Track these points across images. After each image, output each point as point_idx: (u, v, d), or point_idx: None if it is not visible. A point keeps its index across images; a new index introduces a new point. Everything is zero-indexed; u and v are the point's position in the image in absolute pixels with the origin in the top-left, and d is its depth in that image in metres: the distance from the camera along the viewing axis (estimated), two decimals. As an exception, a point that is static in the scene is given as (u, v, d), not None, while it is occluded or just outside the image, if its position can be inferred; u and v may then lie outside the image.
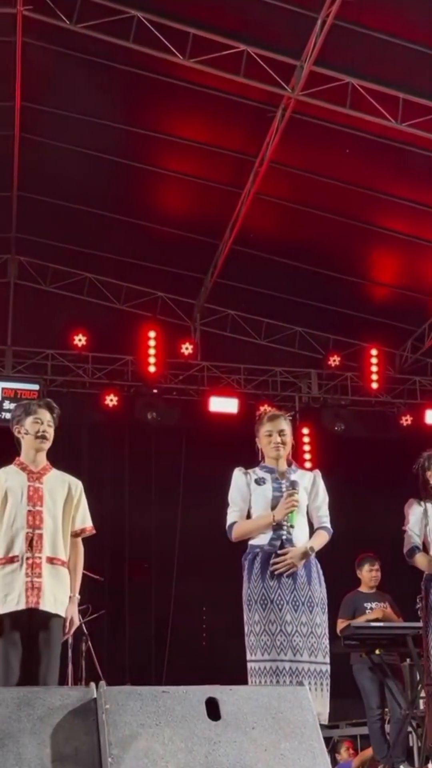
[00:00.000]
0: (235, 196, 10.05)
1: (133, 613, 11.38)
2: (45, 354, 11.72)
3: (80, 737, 2.91)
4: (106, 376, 11.78)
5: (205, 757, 2.89)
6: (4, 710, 2.89)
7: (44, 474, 4.22)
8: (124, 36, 8.03)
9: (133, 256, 11.51)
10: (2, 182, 10.46)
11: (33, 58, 8.65)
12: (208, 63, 8.12)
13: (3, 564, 4.02)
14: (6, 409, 10.94)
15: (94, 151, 9.86)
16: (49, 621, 3.98)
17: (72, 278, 12.01)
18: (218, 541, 11.07)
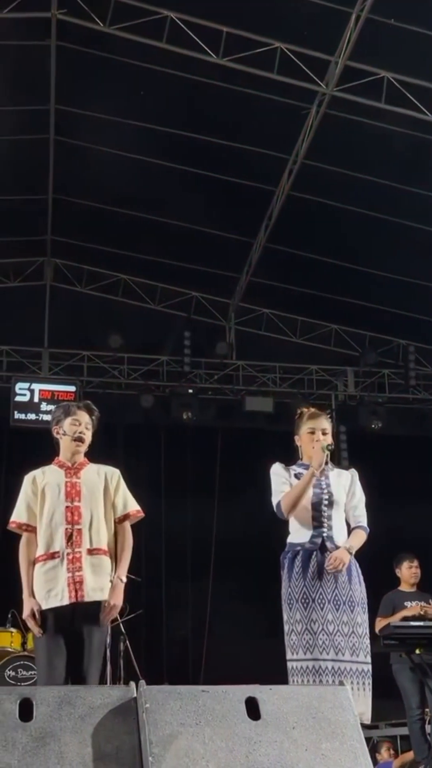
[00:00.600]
0: (270, 194, 10.02)
1: (170, 613, 11.41)
2: (81, 355, 11.80)
3: (121, 736, 2.92)
4: (142, 376, 11.83)
5: (245, 756, 2.88)
6: (45, 709, 2.90)
7: (81, 469, 4.24)
8: (157, 37, 8.06)
9: (167, 256, 11.55)
10: (38, 186, 10.55)
11: (67, 61, 8.70)
12: (242, 61, 8.09)
13: (44, 560, 4.04)
14: (44, 410, 11.05)
15: (127, 152, 9.91)
16: (93, 612, 3.98)
17: (107, 280, 12.08)
18: (254, 540, 11.15)
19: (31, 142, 9.97)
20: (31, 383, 11.32)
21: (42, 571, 4.02)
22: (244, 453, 11.47)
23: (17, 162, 10.11)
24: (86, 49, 8.67)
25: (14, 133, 9.78)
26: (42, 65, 8.75)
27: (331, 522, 4.25)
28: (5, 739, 2.80)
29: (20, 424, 11.10)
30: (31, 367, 11.69)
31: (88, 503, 4.12)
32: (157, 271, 11.82)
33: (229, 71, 8.34)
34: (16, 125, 9.64)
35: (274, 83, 8.38)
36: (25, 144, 10.00)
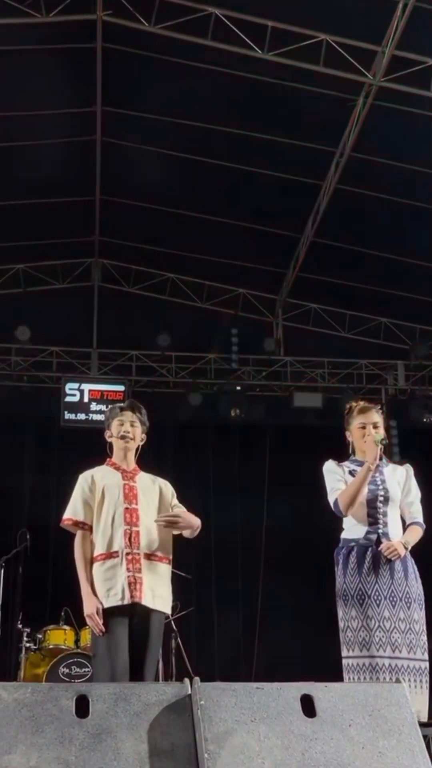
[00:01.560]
0: (317, 188, 9.96)
1: (221, 610, 11.41)
2: (129, 355, 11.87)
3: (176, 733, 2.92)
4: (190, 374, 11.85)
5: (301, 754, 2.86)
6: (101, 706, 2.92)
7: (136, 474, 4.29)
8: (202, 34, 8.05)
9: (213, 254, 11.55)
10: (85, 187, 10.63)
11: (113, 62, 8.75)
12: (287, 55, 8.05)
13: (103, 559, 4.08)
14: (93, 410, 11.14)
15: (173, 151, 9.94)
16: (149, 616, 4.01)
17: (154, 279, 12.13)
18: (305, 536, 11.09)
19: (78, 144, 10.05)
20: (81, 383, 11.42)
21: (101, 570, 4.06)
22: (293, 449, 11.42)
23: (65, 164, 10.19)
24: (132, 50, 8.71)
25: (62, 135, 9.88)
26: (88, 67, 8.80)
27: (386, 518, 4.20)
28: (62, 735, 2.83)
29: (70, 424, 11.21)
30: (80, 367, 11.79)
31: (144, 508, 4.16)
32: (204, 269, 11.83)
33: (274, 66, 8.29)
34: (64, 128, 9.73)
35: (320, 76, 8.32)
36: (73, 146, 10.08)
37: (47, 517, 9.80)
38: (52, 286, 12.04)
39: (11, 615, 9.11)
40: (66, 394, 11.26)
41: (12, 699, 2.89)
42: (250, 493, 11.80)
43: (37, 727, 2.84)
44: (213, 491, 11.65)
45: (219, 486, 11.74)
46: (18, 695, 2.91)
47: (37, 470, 11.62)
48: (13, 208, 10.59)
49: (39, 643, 8.06)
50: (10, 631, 8.63)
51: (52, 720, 2.86)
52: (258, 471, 11.82)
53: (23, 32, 8.26)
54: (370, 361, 12.23)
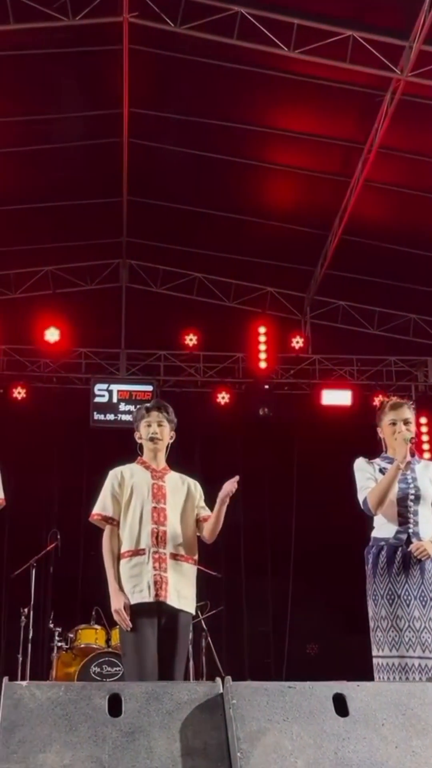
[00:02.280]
0: (344, 185, 9.92)
1: (250, 609, 11.41)
2: (157, 355, 11.90)
3: (208, 732, 2.93)
4: (218, 374, 11.86)
5: (334, 753, 2.86)
6: (133, 704, 2.94)
7: (165, 474, 4.30)
8: (228, 33, 8.04)
9: (241, 252, 11.55)
10: (113, 188, 10.67)
11: (139, 63, 8.77)
12: (314, 53, 8.02)
13: (130, 556, 4.10)
14: (122, 410, 11.19)
15: (200, 150, 9.95)
16: (176, 615, 4.03)
17: (182, 279, 12.16)
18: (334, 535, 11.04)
19: (105, 146, 10.09)
20: (110, 384, 11.48)
21: (127, 567, 4.08)
22: (322, 448, 11.37)
23: (92, 166, 10.26)
24: (157, 51, 8.72)
25: (89, 138, 9.94)
26: (115, 69, 8.83)
27: (417, 517, 4.16)
28: (96, 733, 2.85)
29: (100, 424, 11.27)
30: (109, 368, 11.84)
31: (172, 507, 4.18)
32: (232, 268, 11.83)
33: (301, 63, 8.26)
34: (91, 130, 9.79)
35: (347, 72, 8.28)
36: (100, 148, 10.13)
37: (77, 518, 9.86)
38: (80, 287, 12.11)
39: (42, 615, 9.19)
40: (95, 395, 11.33)
41: (46, 698, 2.92)
42: (280, 492, 11.78)
43: (71, 726, 2.86)
44: (241, 491, 11.56)
45: (248, 485, 11.66)
46: (51, 694, 2.93)
47: (67, 471, 11.70)
48: (41, 210, 10.68)
49: (70, 643, 8.12)
50: (41, 631, 8.70)
51: (85, 719, 2.88)
52: (287, 470, 11.80)
53: (50, 36, 8.31)
54: (399, 358, 12.16)
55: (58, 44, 8.52)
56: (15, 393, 11.30)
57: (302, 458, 11.78)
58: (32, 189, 10.42)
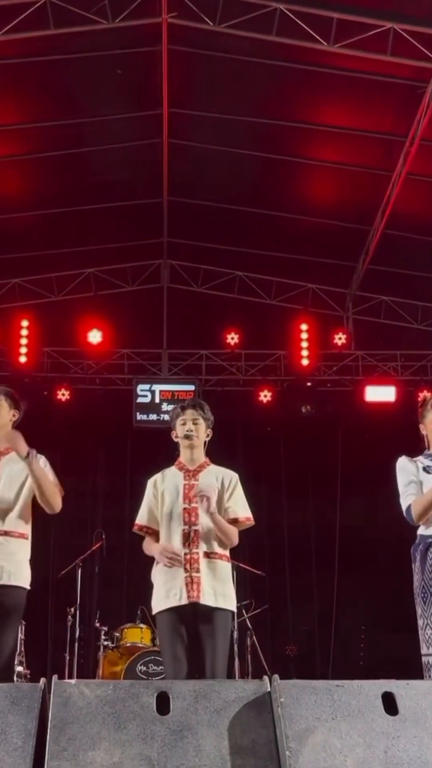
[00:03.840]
0: (386, 179, 9.82)
1: (295, 607, 11.37)
2: (199, 354, 11.92)
3: (257, 730, 2.93)
4: (260, 372, 11.83)
5: (384, 752, 2.83)
6: (181, 703, 2.95)
7: (200, 471, 4.30)
8: (266, 30, 8.01)
9: (281, 250, 11.50)
10: (153, 189, 10.71)
11: (178, 64, 8.79)
12: (354, 46, 7.96)
13: None
14: (164, 410, 11.24)
15: (239, 149, 9.94)
16: (212, 614, 4.03)
17: (222, 278, 12.16)
18: (379, 532, 10.94)
19: (145, 147, 10.13)
20: (152, 384, 11.52)
21: (162, 573, 4.11)
22: (365, 445, 11.31)
23: (133, 168, 10.32)
24: (197, 50, 8.73)
25: (129, 139, 10.00)
26: (154, 70, 8.86)
27: None
28: (144, 732, 2.86)
29: (142, 424, 11.32)
30: (151, 368, 11.89)
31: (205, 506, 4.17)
32: (272, 266, 11.79)
33: (341, 57, 8.21)
34: (131, 131, 9.85)
35: (388, 65, 8.20)
36: (140, 149, 10.18)
37: (121, 517, 9.94)
38: (122, 288, 12.18)
39: (89, 614, 9.26)
40: (138, 396, 11.38)
41: (94, 696, 2.94)
42: (323, 490, 11.72)
43: (120, 724, 2.88)
44: (285, 489, 11.61)
45: (291, 483, 11.70)
46: (100, 692, 2.95)
47: (111, 471, 11.79)
48: (83, 213, 10.77)
49: (116, 642, 8.16)
50: (88, 630, 8.76)
51: (134, 717, 2.90)
52: (330, 467, 11.74)
53: (90, 39, 8.36)
54: (444, 352, 12.01)
55: (97, 47, 8.57)
56: (59, 395, 11.40)
57: (346, 455, 11.70)
58: (73, 192, 10.51)
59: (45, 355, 11.66)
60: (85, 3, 7.94)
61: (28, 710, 2.87)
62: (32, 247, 11.28)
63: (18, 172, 10.09)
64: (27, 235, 10.87)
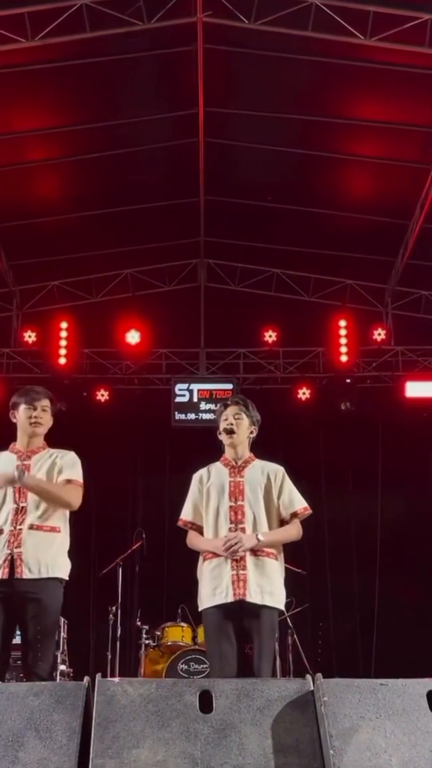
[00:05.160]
0: (424, 172, 9.69)
1: (337, 606, 11.31)
2: (237, 353, 11.90)
3: (300, 729, 2.92)
4: (298, 369, 11.78)
5: (429, 751, 2.81)
6: (224, 701, 2.95)
7: (245, 467, 4.29)
8: (302, 25, 7.96)
9: (319, 246, 11.44)
10: (190, 189, 10.72)
11: (213, 62, 8.79)
12: (391, 39, 7.89)
13: (210, 559, 4.12)
14: (203, 409, 11.25)
15: (275, 146, 9.90)
16: (259, 612, 4.01)
17: (260, 275, 12.14)
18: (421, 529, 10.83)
19: (181, 147, 10.14)
20: (190, 384, 11.53)
21: (208, 569, 4.11)
22: (406, 441, 11.21)
23: (169, 168, 10.34)
24: (232, 48, 8.71)
25: (165, 139, 10.02)
26: (189, 69, 8.87)
27: None
28: (188, 730, 2.87)
29: (181, 424, 11.34)
30: (189, 368, 11.91)
31: (251, 503, 4.18)
32: (310, 262, 11.74)
33: (377, 51, 8.14)
34: (167, 131, 9.88)
35: (426, 57, 8.09)
36: (176, 149, 10.20)
37: (161, 517, 9.98)
38: (159, 288, 12.22)
39: (130, 613, 9.31)
40: (176, 395, 11.40)
41: (138, 694, 2.95)
42: (364, 488, 11.63)
43: (163, 722, 2.89)
44: (325, 487, 11.55)
45: (331, 481, 11.63)
46: (143, 691, 2.97)
47: (150, 470, 11.83)
48: (120, 214, 10.82)
49: (157, 640, 8.18)
50: (129, 629, 8.80)
51: (177, 715, 2.91)
52: (371, 465, 11.65)
53: (125, 40, 8.39)
54: None
55: (132, 49, 8.60)
56: (98, 395, 11.48)
57: (387, 452, 11.61)
58: (109, 194, 10.57)
59: (84, 356, 11.74)
60: (121, 5, 7.98)
61: (73, 708, 2.90)
62: (70, 250, 11.38)
63: (56, 175, 10.18)
64: (65, 237, 10.96)
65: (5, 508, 4.11)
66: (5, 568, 3.97)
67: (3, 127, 9.29)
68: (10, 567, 3.98)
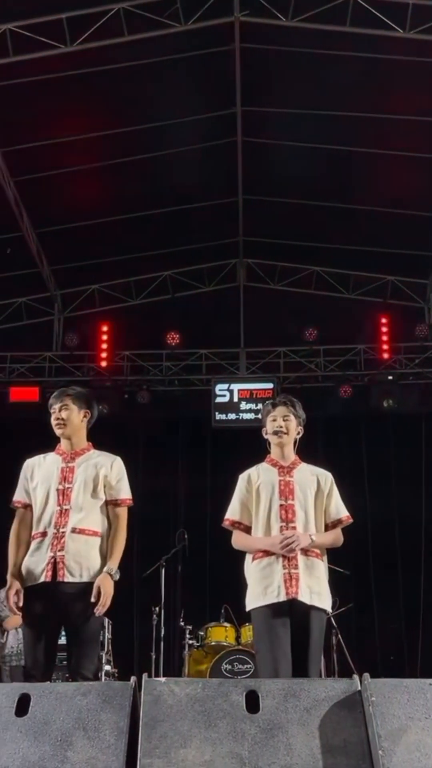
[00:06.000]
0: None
1: (381, 606, 11.22)
2: (277, 352, 11.87)
3: (348, 729, 2.89)
4: (339, 367, 11.71)
5: None
6: (271, 701, 2.93)
7: (294, 468, 4.27)
8: (340, 21, 7.92)
9: (358, 242, 11.37)
10: (228, 189, 10.72)
11: (251, 61, 8.77)
12: (430, 31, 7.80)
13: (260, 558, 4.10)
14: (243, 409, 11.23)
15: (313, 143, 9.85)
16: (308, 612, 3.99)
17: (299, 274, 12.09)
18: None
19: (219, 147, 10.16)
20: (230, 384, 11.53)
21: (258, 568, 4.09)
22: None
23: (207, 168, 10.34)
24: (269, 47, 8.68)
25: (203, 140, 10.03)
26: (226, 70, 8.86)
27: None
28: (234, 730, 2.86)
29: (221, 424, 11.35)
30: (229, 368, 11.90)
31: (301, 503, 4.16)
32: (349, 260, 11.66)
33: (416, 44, 8.06)
34: (205, 132, 9.88)
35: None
36: (214, 150, 10.20)
37: (203, 517, 9.98)
38: (198, 289, 12.24)
39: (173, 613, 9.33)
40: (216, 395, 11.41)
41: (184, 694, 2.95)
42: (407, 485, 11.51)
43: (210, 722, 2.88)
44: (368, 485, 11.47)
45: (374, 479, 11.55)
46: (190, 690, 2.96)
47: (192, 471, 11.84)
48: (159, 216, 10.86)
49: (201, 640, 8.19)
50: (172, 629, 8.82)
51: (223, 715, 2.90)
52: (414, 462, 11.53)
53: (162, 43, 8.41)
54: None
55: (169, 51, 8.62)
56: (139, 397, 11.53)
57: (430, 449, 11.49)
58: (150, 196, 10.60)
59: (125, 358, 11.81)
60: (158, 8, 8.02)
61: (120, 708, 2.90)
62: (110, 253, 11.46)
63: (96, 180, 10.23)
64: (105, 241, 11.03)
65: (48, 510, 4.13)
66: (48, 571, 3.99)
67: (42, 133, 9.37)
68: (53, 570, 4.00)
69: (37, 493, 4.18)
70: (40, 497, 4.16)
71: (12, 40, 8.01)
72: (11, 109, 8.86)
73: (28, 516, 4.18)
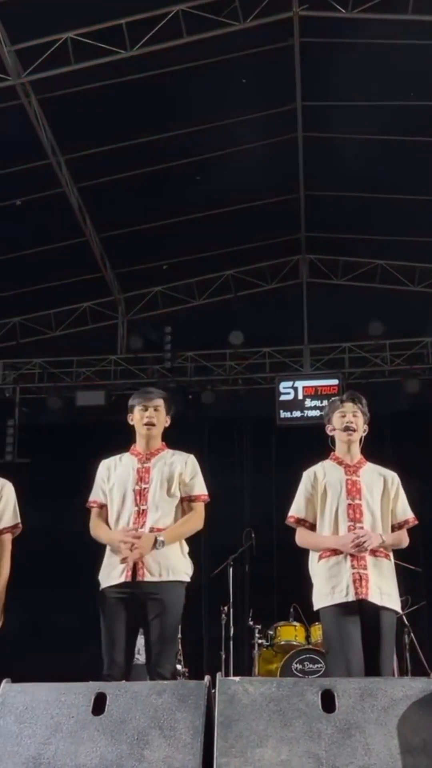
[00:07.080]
0: None
1: (454, 604, 11.01)
2: (341, 348, 11.76)
3: (428, 729, 2.84)
4: (406, 361, 11.55)
5: None
6: (347, 701, 2.90)
7: (360, 467, 4.21)
8: (401, 9, 7.81)
9: (422, 234, 11.16)
10: (289, 185, 10.66)
11: (310, 55, 8.71)
12: None
13: (327, 557, 4.05)
14: (308, 407, 11.15)
15: (375, 135, 9.71)
16: (378, 613, 3.93)
17: (363, 268, 11.96)
18: None
19: (280, 144, 10.11)
20: (294, 381, 11.47)
21: (326, 567, 4.04)
22: None
23: (268, 165, 10.29)
24: (329, 40, 8.61)
25: (263, 137, 9.99)
26: (286, 65, 8.81)
27: None
28: (311, 729, 2.83)
29: (286, 422, 11.29)
30: (293, 365, 11.84)
31: (368, 503, 4.11)
32: (414, 252, 11.48)
33: None
34: (265, 129, 9.84)
35: None
36: (275, 146, 10.15)
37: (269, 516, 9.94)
38: (261, 288, 12.20)
39: (241, 612, 9.31)
40: (280, 393, 11.36)
41: (259, 693, 2.93)
42: None
43: (286, 722, 2.85)
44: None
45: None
46: (264, 690, 2.95)
47: (257, 470, 11.80)
48: (220, 216, 10.85)
49: (270, 640, 8.15)
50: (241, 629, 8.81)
51: (299, 714, 2.87)
52: None
53: (221, 42, 8.41)
54: None
55: (228, 50, 8.61)
56: (203, 397, 11.57)
57: None
58: (212, 196, 10.60)
59: (188, 359, 11.85)
60: (216, 7, 8.01)
61: (195, 707, 2.90)
62: (172, 255, 11.51)
63: (157, 183, 10.25)
64: (166, 243, 11.08)
65: (126, 511, 4.16)
66: (128, 571, 4.02)
67: (104, 139, 9.48)
68: (132, 570, 4.03)
69: (113, 494, 4.22)
70: (117, 498, 4.20)
71: (73, 48, 8.09)
72: (73, 116, 8.96)
73: (104, 515, 4.23)
